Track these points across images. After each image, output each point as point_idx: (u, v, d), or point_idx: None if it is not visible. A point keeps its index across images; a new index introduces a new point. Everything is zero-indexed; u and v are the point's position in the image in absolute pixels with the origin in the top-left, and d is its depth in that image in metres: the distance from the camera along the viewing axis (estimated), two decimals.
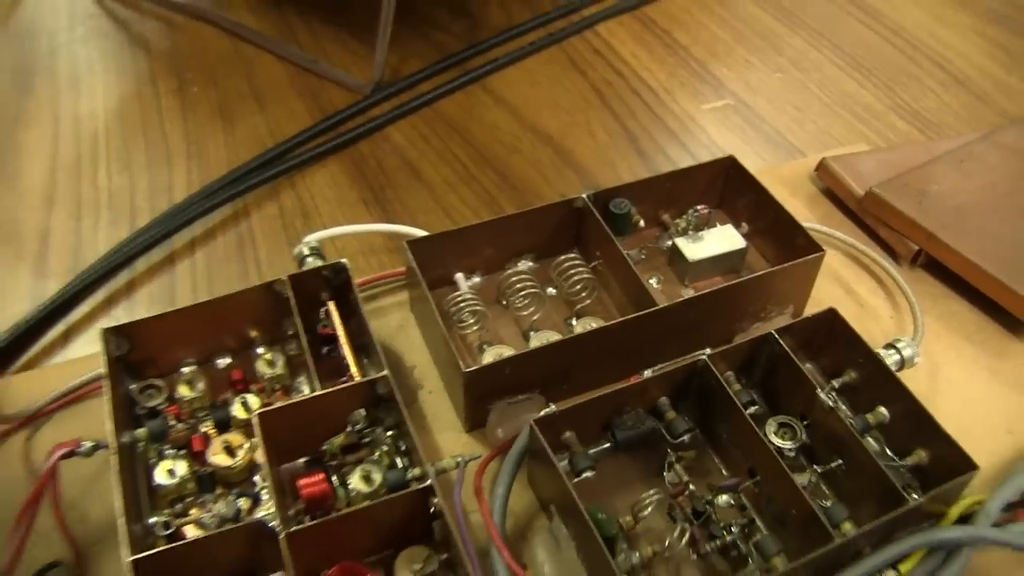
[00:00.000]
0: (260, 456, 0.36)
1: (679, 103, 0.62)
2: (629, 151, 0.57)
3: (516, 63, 0.64)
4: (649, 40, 0.68)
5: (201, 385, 0.38)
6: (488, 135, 0.58)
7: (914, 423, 0.35)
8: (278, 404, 0.34)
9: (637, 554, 0.32)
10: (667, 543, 0.33)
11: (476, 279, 0.42)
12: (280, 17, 0.69)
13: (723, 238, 0.45)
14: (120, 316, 0.46)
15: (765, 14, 0.73)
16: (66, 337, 0.45)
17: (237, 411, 0.37)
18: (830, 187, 0.52)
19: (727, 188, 0.47)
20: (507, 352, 0.39)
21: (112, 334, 0.37)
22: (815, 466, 0.35)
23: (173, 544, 0.31)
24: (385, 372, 0.34)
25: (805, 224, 0.42)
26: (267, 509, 0.33)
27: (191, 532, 0.33)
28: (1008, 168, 0.52)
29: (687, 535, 0.33)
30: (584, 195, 0.43)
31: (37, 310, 0.45)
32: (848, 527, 0.31)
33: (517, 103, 0.61)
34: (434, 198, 0.52)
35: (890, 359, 0.38)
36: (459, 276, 0.42)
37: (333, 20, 0.69)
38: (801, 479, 0.34)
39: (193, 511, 0.34)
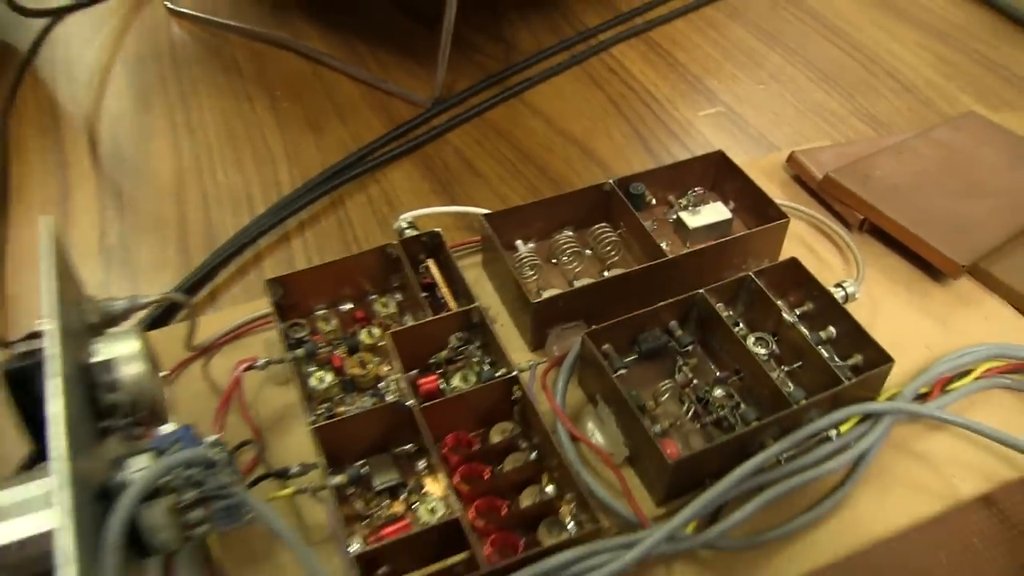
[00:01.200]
0: (384, 368, 0.50)
1: (679, 111, 0.76)
2: (640, 149, 0.72)
3: (546, 80, 0.78)
4: (654, 59, 0.82)
5: (334, 322, 0.52)
6: (528, 138, 0.72)
7: (853, 337, 0.49)
8: (404, 327, 0.48)
9: (658, 425, 0.46)
10: (678, 419, 0.47)
11: (531, 244, 0.57)
12: (350, 46, 0.83)
13: (715, 212, 0.59)
14: (253, 281, 0.60)
15: (749, 35, 0.87)
16: (212, 297, 0.59)
17: (363, 338, 0.51)
18: (797, 174, 0.66)
19: (718, 175, 0.61)
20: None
21: (273, 283, 0.51)
22: (782, 366, 0.49)
23: (338, 418, 0.44)
24: (477, 303, 0.48)
25: (776, 200, 0.57)
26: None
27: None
28: (936, 157, 0.66)
29: (692, 412, 0.47)
30: (610, 181, 0.57)
31: (184, 279, 0.59)
32: (803, 401, 0.45)
33: (549, 113, 0.75)
34: (490, 188, 0.66)
35: (837, 294, 0.52)
36: (519, 242, 0.56)
37: (394, 48, 0.83)
38: (772, 374, 0.47)
39: (340, 408, 0.48)
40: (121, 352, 0.40)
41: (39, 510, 0.33)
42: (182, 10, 0.87)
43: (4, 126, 0.71)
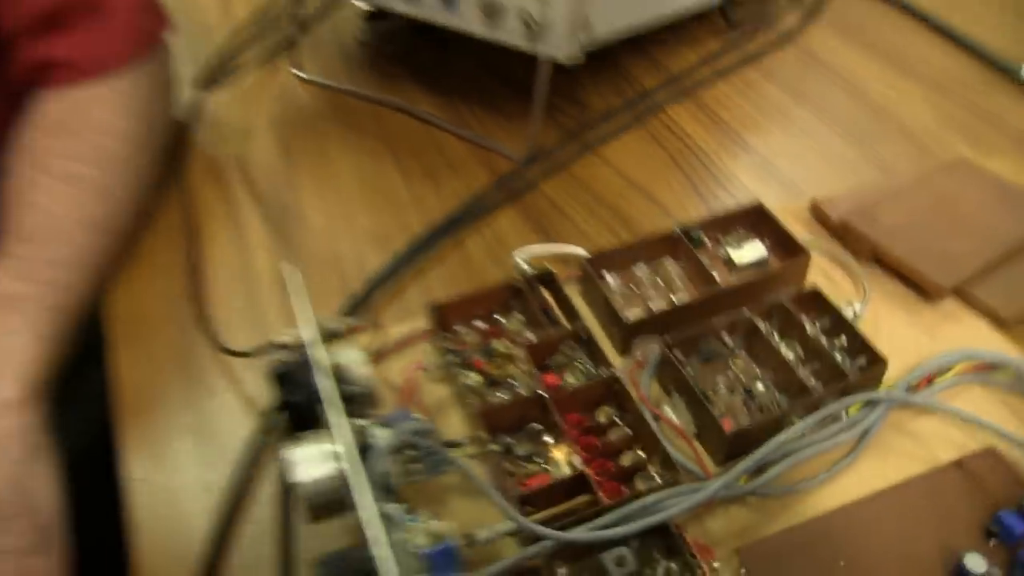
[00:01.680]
0: (512, 369, 0.68)
1: (724, 162, 0.94)
2: (693, 195, 0.90)
3: (616, 137, 0.97)
4: (702, 118, 1.00)
5: (474, 336, 0.71)
6: (604, 187, 0.90)
7: (859, 345, 0.67)
8: (531, 341, 0.67)
9: (717, 409, 0.64)
10: (730, 404, 0.65)
11: (616, 276, 0.75)
12: (454, 108, 1.02)
13: (754, 250, 0.77)
14: (408, 300, 0.79)
15: (783, 95, 1.05)
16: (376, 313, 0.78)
17: (497, 347, 0.69)
18: (818, 216, 0.84)
19: (757, 220, 0.79)
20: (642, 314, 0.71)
21: (433, 307, 0.70)
22: (805, 366, 0.67)
23: (490, 404, 0.63)
24: (581, 321, 0.67)
25: (802, 239, 0.74)
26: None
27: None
28: (930, 199, 0.83)
29: (741, 399, 0.65)
30: (676, 229, 0.75)
31: (350, 302, 0.78)
32: (821, 391, 0.63)
33: (620, 165, 0.93)
34: (576, 229, 0.85)
35: (848, 312, 0.70)
36: (606, 273, 0.75)
37: (489, 109, 1.02)
38: (798, 372, 0.65)
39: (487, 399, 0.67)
40: (352, 358, 0.59)
41: (326, 461, 0.52)
42: (308, 77, 1.06)
43: (183, 180, 0.91)
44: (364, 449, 0.53)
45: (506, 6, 0.75)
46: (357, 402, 0.58)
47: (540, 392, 0.63)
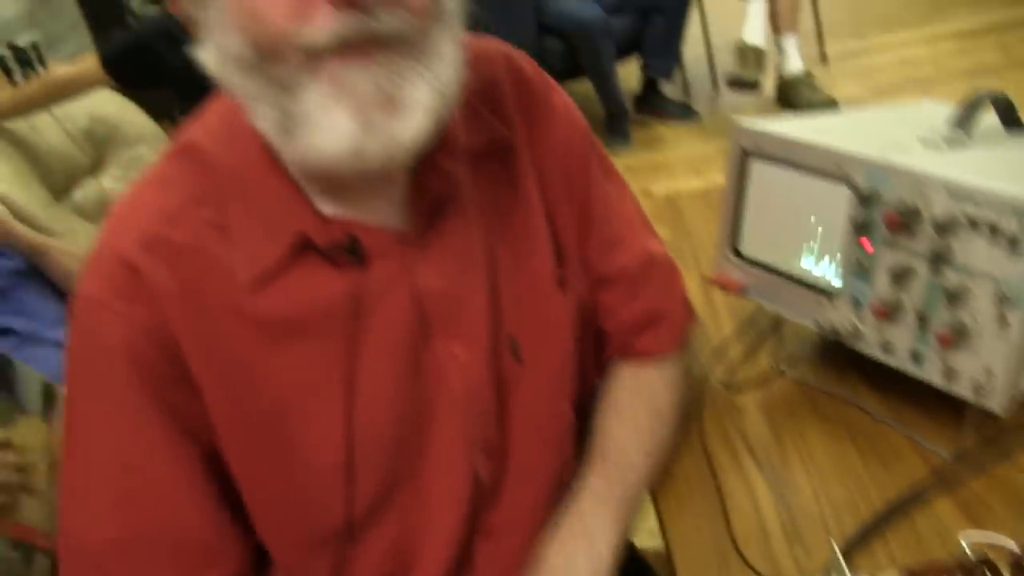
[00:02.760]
0: None
1: None
2: None
3: None
4: None
5: None
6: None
7: None
8: None
9: None
10: None
11: None
12: (892, 404, 1.38)
13: None
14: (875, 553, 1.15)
15: None
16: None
17: None
18: None
19: None
20: None
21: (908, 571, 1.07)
22: None
23: None
24: None
25: None
26: None
27: None
28: None
29: None
30: None
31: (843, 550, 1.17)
32: None
33: None
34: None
35: None
36: None
37: (923, 409, 1.34)
38: None
39: None
40: None
41: None
42: (782, 368, 1.51)
43: (703, 437, 1.37)
44: None
45: (961, 373, 1.13)
46: None
47: None
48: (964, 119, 1.15)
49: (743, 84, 4.45)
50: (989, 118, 1.25)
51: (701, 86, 5.23)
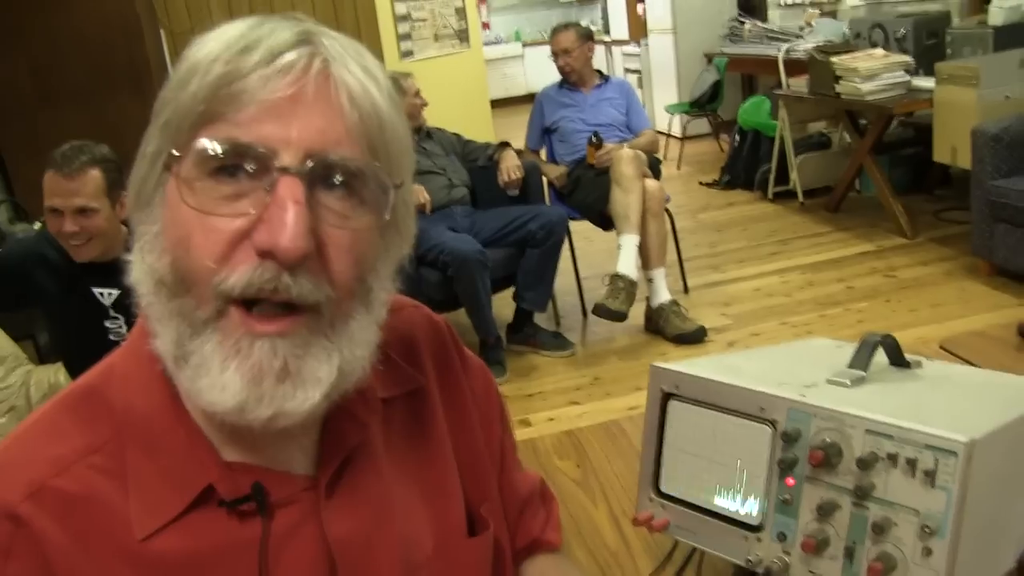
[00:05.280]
0: None
1: None
2: None
3: None
4: None
5: None
6: None
7: None
8: None
9: None
10: None
11: None
12: None
13: None
14: None
15: None
16: None
17: None
18: None
19: None
20: None
21: None
22: None
23: None
24: None
25: None
26: None
27: None
28: None
29: None
30: None
31: None
32: None
33: None
34: None
35: None
36: None
37: None
38: None
39: None
40: None
41: None
42: None
43: None
44: None
45: None
46: None
47: None
48: (862, 360, 1.23)
49: (611, 314, 4.64)
50: (878, 356, 1.34)
51: (573, 316, 5.45)
